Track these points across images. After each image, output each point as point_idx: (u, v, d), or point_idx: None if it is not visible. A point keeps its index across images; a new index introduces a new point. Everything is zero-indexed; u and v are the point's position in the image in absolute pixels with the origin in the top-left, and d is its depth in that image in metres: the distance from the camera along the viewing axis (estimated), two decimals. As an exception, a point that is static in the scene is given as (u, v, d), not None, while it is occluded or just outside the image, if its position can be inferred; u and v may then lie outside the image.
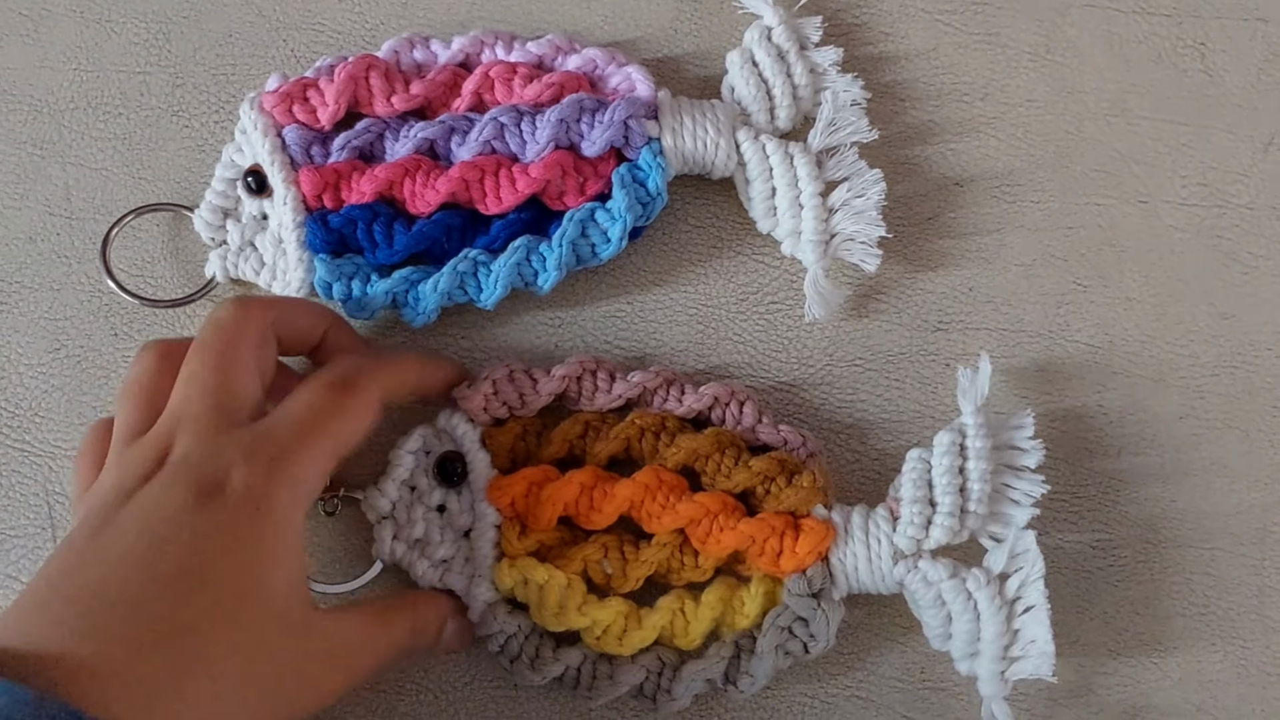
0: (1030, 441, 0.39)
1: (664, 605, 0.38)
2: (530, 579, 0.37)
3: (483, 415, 0.39)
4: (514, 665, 0.38)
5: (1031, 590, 0.37)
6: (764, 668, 0.38)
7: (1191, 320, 0.44)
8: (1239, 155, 0.45)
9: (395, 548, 0.38)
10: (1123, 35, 0.46)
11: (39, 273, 0.43)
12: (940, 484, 0.38)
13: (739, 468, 0.39)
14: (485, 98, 0.42)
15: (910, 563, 0.37)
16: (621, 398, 0.40)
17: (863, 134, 0.42)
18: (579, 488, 0.38)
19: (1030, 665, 0.37)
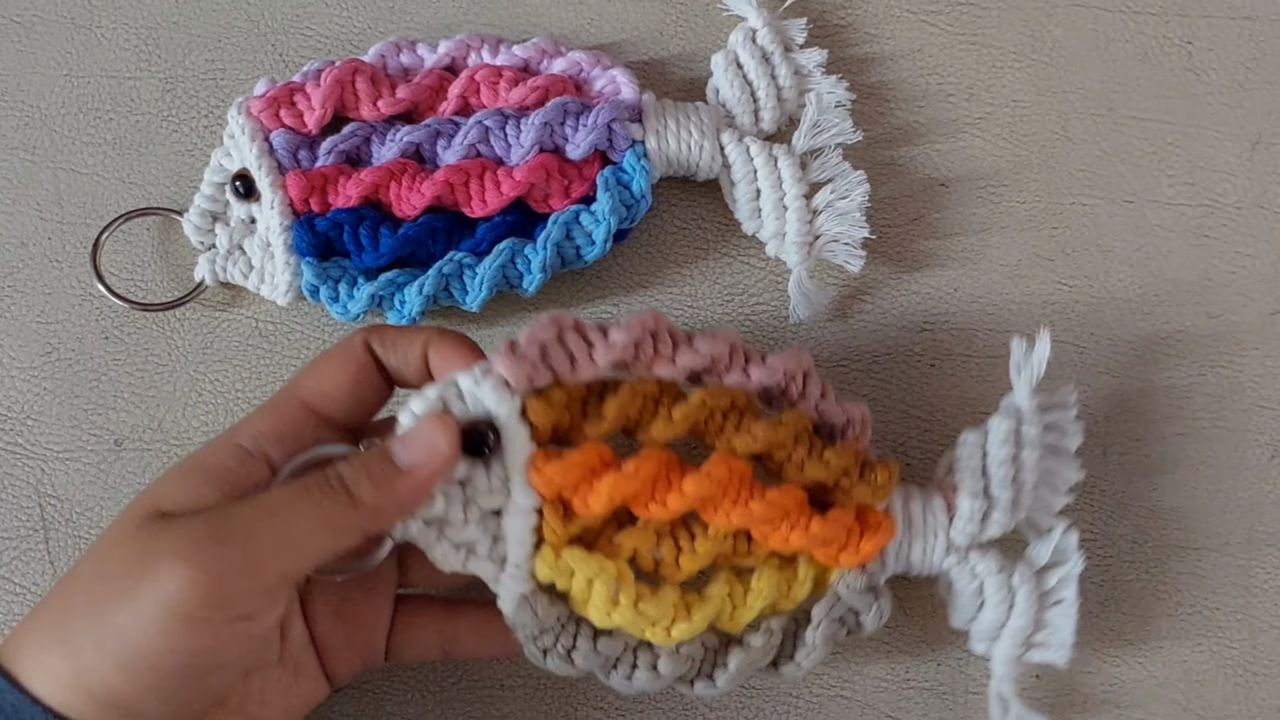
0: (1074, 423, 0.38)
1: (714, 594, 0.35)
2: (579, 572, 0.34)
3: (524, 382, 0.33)
4: (547, 656, 0.35)
5: (1067, 587, 0.37)
6: (814, 659, 0.36)
7: (1178, 319, 0.44)
8: (1226, 154, 0.45)
9: (409, 525, 0.33)
10: (1109, 34, 0.46)
11: (30, 277, 0.43)
12: (997, 476, 0.37)
13: (814, 462, 0.35)
14: (471, 101, 0.42)
15: (960, 554, 0.37)
16: (686, 369, 0.35)
17: (847, 135, 0.42)
18: (644, 482, 0.34)
19: (1049, 654, 0.37)
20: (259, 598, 0.30)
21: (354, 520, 0.31)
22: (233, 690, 0.32)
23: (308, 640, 0.35)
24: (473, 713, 0.40)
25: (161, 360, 0.42)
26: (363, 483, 0.31)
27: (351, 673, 0.36)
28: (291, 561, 0.30)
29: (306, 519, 0.30)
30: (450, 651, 0.37)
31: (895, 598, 0.41)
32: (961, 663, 0.40)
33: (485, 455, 0.33)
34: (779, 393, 0.36)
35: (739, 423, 0.35)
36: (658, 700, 0.40)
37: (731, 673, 0.36)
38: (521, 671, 0.40)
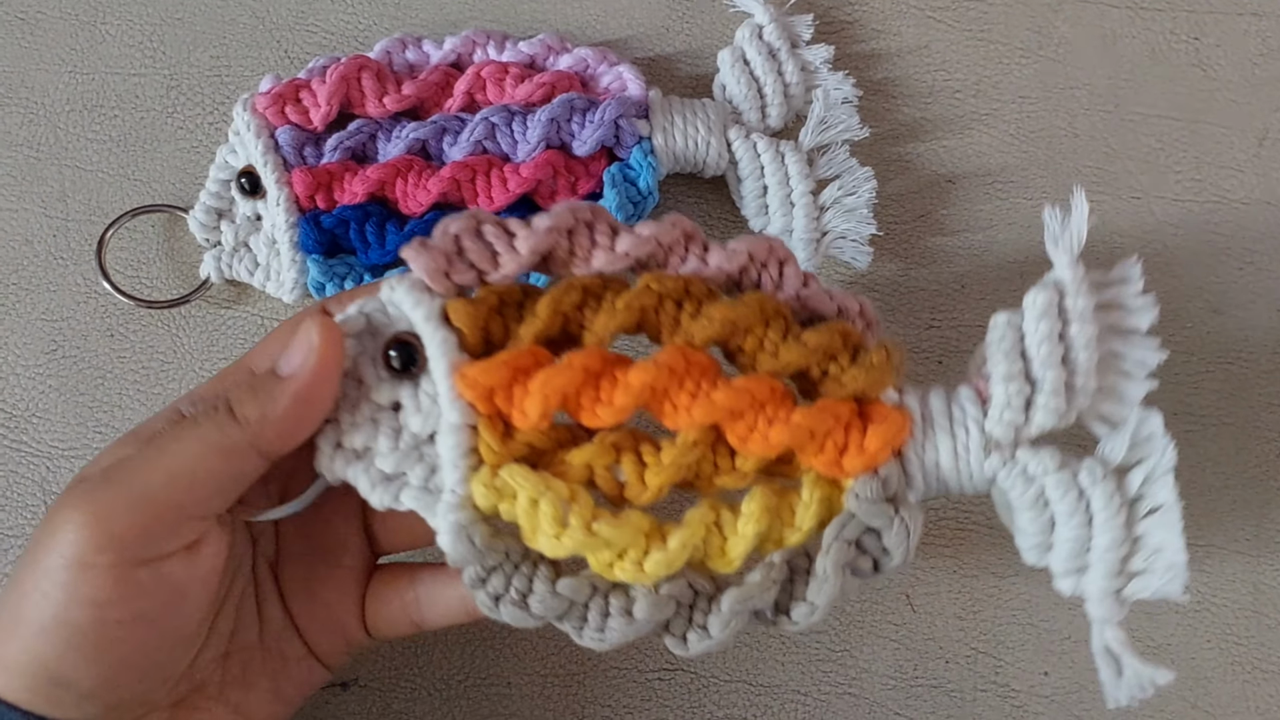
0: (1139, 298, 0.31)
1: (694, 519, 0.30)
2: (520, 491, 0.29)
3: (443, 283, 0.30)
4: (499, 604, 0.30)
5: (1159, 487, 0.29)
6: (827, 592, 0.30)
7: (1185, 315, 0.44)
8: (1234, 149, 0.45)
9: (338, 460, 0.30)
10: (1116, 30, 0.46)
11: (35, 274, 0.43)
12: (1040, 354, 0.30)
13: (789, 342, 0.30)
14: (477, 98, 0.42)
15: (1006, 454, 0.30)
16: (629, 257, 0.30)
17: (854, 132, 0.42)
18: (583, 374, 0.29)
19: (1155, 581, 0.29)
20: (156, 536, 0.28)
21: (240, 437, 0.29)
22: (208, 673, 0.32)
23: (288, 622, 0.34)
24: (480, 711, 0.40)
25: (166, 358, 0.42)
26: (244, 397, 0.29)
27: (340, 654, 0.35)
28: (183, 492, 0.28)
29: (192, 445, 0.29)
30: (417, 621, 0.34)
31: (903, 594, 0.41)
32: (970, 660, 0.40)
33: (413, 371, 0.30)
34: (751, 284, 0.31)
35: (698, 310, 0.30)
36: (666, 698, 0.40)
37: (725, 616, 0.29)
38: (529, 669, 0.40)
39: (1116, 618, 0.29)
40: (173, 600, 0.29)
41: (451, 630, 0.40)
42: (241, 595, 0.33)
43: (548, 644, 0.40)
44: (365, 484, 0.30)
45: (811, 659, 0.40)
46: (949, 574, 0.41)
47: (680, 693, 0.40)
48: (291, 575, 0.34)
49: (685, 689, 0.40)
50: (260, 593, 0.34)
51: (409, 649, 0.40)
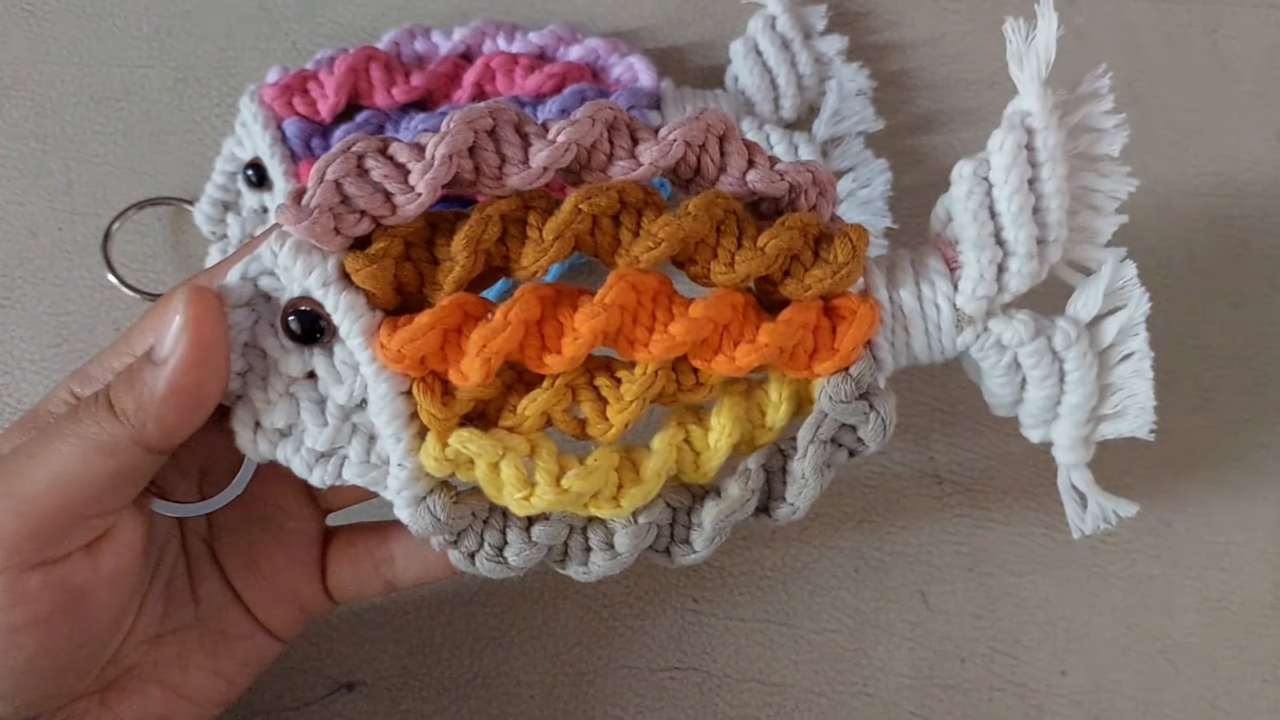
0: (1110, 117, 0.29)
1: (664, 444, 0.28)
2: (477, 458, 0.27)
3: (334, 239, 0.26)
4: (476, 560, 0.29)
5: (1131, 337, 0.29)
6: (807, 493, 0.29)
7: (1204, 310, 0.43)
8: (1252, 143, 0.45)
9: (261, 441, 0.28)
10: (1133, 22, 0.45)
11: (41, 267, 0.42)
12: (1010, 211, 0.27)
13: (746, 251, 0.27)
14: (486, 89, 0.42)
15: (979, 326, 0.29)
16: (547, 171, 0.26)
17: (868, 123, 0.42)
18: (521, 328, 0.26)
19: (1125, 424, 0.29)
20: (45, 540, 0.27)
21: (121, 433, 0.26)
22: (139, 656, 0.31)
23: (230, 598, 0.33)
24: (489, 710, 0.39)
25: (173, 352, 0.42)
26: (120, 390, 0.27)
27: (295, 623, 0.34)
28: (67, 493, 0.26)
29: (73, 445, 0.26)
30: (391, 579, 0.33)
31: (918, 592, 0.40)
32: (987, 659, 0.40)
33: (320, 339, 0.26)
34: (690, 173, 0.28)
35: (636, 227, 0.27)
36: (677, 697, 0.39)
37: (708, 531, 0.29)
38: (539, 668, 0.39)
39: (1084, 460, 0.29)
40: (71, 602, 0.28)
41: (459, 628, 0.39)
42: (171, 577, 0.32)
43: (558, 642, 0.40)
44: (301, 465, 0.28)
45: (825, 658, 0.40)
46: (965, 572, 0.40)
47: (692, 692, 0.39)
48: (230, 550, 0.33)
49: (697, 688, 0.39)
50: (195, 572, 0.32)
51: (416, 647, 0.40)
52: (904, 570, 0.40)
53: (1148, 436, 0.29)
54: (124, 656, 0.31)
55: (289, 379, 0.27)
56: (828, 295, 0.28)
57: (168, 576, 0.32)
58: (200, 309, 0.26)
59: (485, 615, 0.40)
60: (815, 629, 0.40)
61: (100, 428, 0.27)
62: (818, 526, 0.41)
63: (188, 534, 0.33)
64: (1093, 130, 0.29)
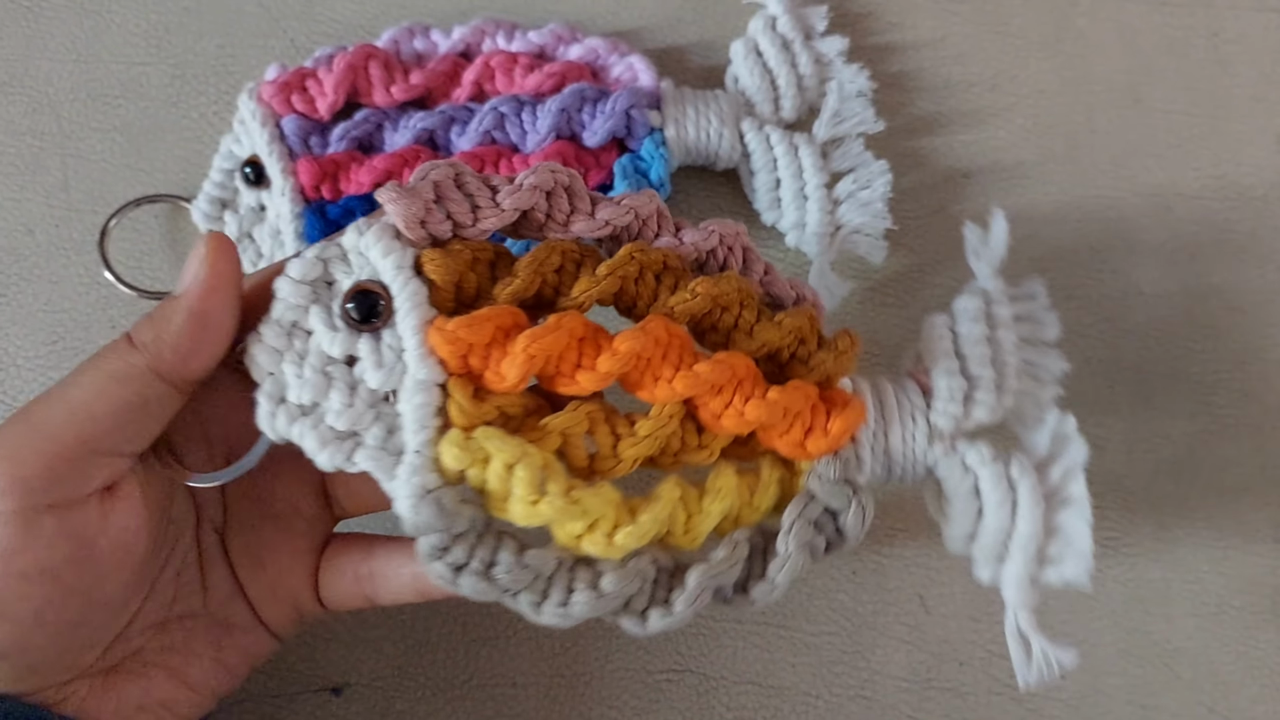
0: (1047, 313, 0.35)
1: (665, 494, 0.29)
2: (495, 455, 0.27)
3: (418, 230, 0.28)
4: (461, 575, 0.28)
5: (1073, 481, 0.31)
6: (789, 571, 0.30)
7: (1203, 314, 0.43)
8: (1253, 147, 0.44)
9: (279, 417, 0.28)
10: (1134, 25, 0.45)
11: (37, 264, 0.42)
12: (975, 354, 0.32)
13: (764, 323, 0.30)
14: (486, 87, 0.42)
15: (946, 445, 0.32)
16: (608, 225, 0.30)
17: (869, 125, 0.42)
18: (569, 336, 0.28)
19: (1067, 569, 0.31)
20: (62, 476, 0.27)
21: (137, 361, 0.28)
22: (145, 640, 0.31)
23: (234, 589, 0.33)
24: (484, 712, 0.39)
25: (169, 350, 0.42)
26: (141, 324, 0.29)
27: (289, 624, 0.34)
28: (84, 424, 0.27)
29: (91, 376, 0.28)
30: (370, 596, 0.33)
31: (916, 595, 0.40)
32: (984, 663, 0.40)
33: (375, 323, 0.28)
34: (717, 265, 0.31)
35: (674, 286, 0.30)
36: (674, 700, 0.39)
37: (691, 592, 0.29)
38: (535, 670, 0.39)
39: (1031, 603, 0.31)
40: (81, 555, 0.28)
41: (455, 630, 0.39)
42: (184, 562, 0.32)
43: (554, 644, 0.39)
44: (313, 442, 0.28)
45: (823, 661, 0.39)
46: (963, 575, 0.40)
47: (689, 695, 0.39)
48: (240, 543, 0.33)
49: (694, 690, 0.39)
50: (205, 560, 0.33)
51: (412, 649, 0.39)
52: (902, 573, 0.40)
53: (1086, 585, 0.31)
54: (131, 639, 0.31)
55: (327, 359, 0.28)
56: (824, 382, 0.31)
57: (180, 563, 0.32)
58: (217, 247, 0.29)
59: (481, 616, 0.40)
60: (813, 631, 0.40)
61: (119, 358, 0.28)
62: (816, 529, 0.41)
63: (203, 523, 0.33)
64: (1033, 320, 0.35)
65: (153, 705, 0.31)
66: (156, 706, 0.31)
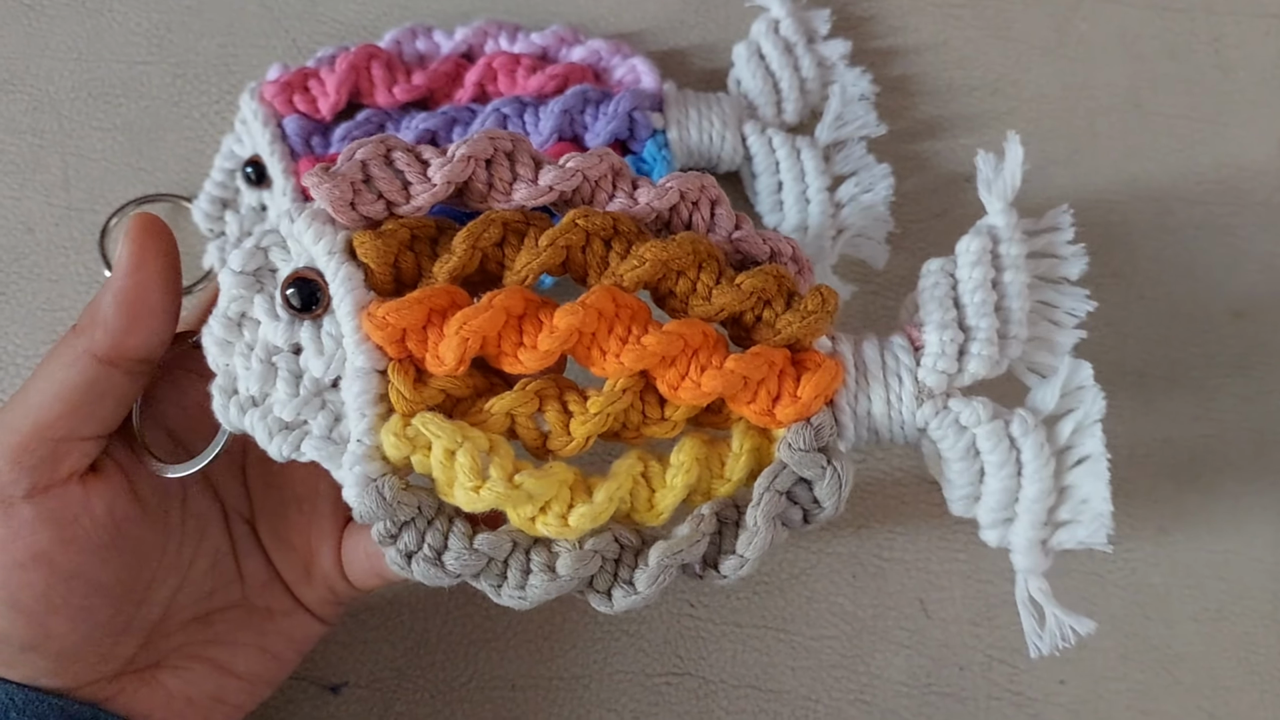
0: (1070, 247, 0.32)
1: (622, 470, 0.28)
2: (436, 441, 0.27)
3: (349, 214, 0.27)
4: (413, 561, 0.28)
5: (1088, 437, 0.29)
6: (758, 545, 0.28)
7: (1205, 319, 0.43)
8: (1254, 151, 0.45)
9: (232, 407, 0.28)
10: (1136, 30, 0.45)
11: (37, 263, 0.42)
12: (973, 302, 0.30)
13: (724, 286, 0.28)
14: (488, 89, 0.42)
15: (938, 403, 0.29)
16: (553, 191, 0.28)
17: (871, 128, 0.42)
18: (503, 315, 0.27)
19: (1081, 531, 0.28)
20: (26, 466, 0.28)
21: (76, 344, 0.28)
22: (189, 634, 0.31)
23: (271, 575, 0.34)
24: (483, 714, 0.39)
25: (169, 349, 0.41)
26: (83, 310, 0.29)
27: (329, 605, 0.34)
28: (38, 414, 0.28)
29: (42, 368, 0.29)
30: (380, 572, 0.33)
31: (916, 599, 0.40)
32: (985, 667, 0.40)
33: (315, 310, 0.27)
34: (681, 226, 0.29)
35: (625, 252, 0.28)
36: (674, 703, 0.39)
37: (654, 570, 0.28)
38: (533, 672, 0.39)
39: (1042, 568, 0.29)
40: (68, 536, 0.28)
41: (454, 630, 0.39)
42: (217, 554, 0.33)
43: (553, 646, 0.39)
44: (263, 433, 0.28)
45: (823, 665, 0.39)
46: (964, 579, 0.40)
47: (688, 698, 0.39)
48: (270, 528, 0.34)
49: (693, 694, 0.39)
50: (239, 550, 0.33)
51: (411, 649, 0.39)
52: (902, 577, 0.40)
53: (1105, 547, 0.28)
54: (171, 634, 0.31)
55: (272, 348, 0.28)
56: (795, 345, 0.29)
57: (213, 556, 0.33)
58: (141, 226, 0.29)
59: (480, 617, 0.39)
60: (812, 635, 0.40)
61: (64, 346, 0.29)
62: (815, 532, 0.40)
63: (230, 514, 0.34)
64: (1054, 256, 0.31)
65: (202, 699, 0.32)
66: (206, 700, 0.32)
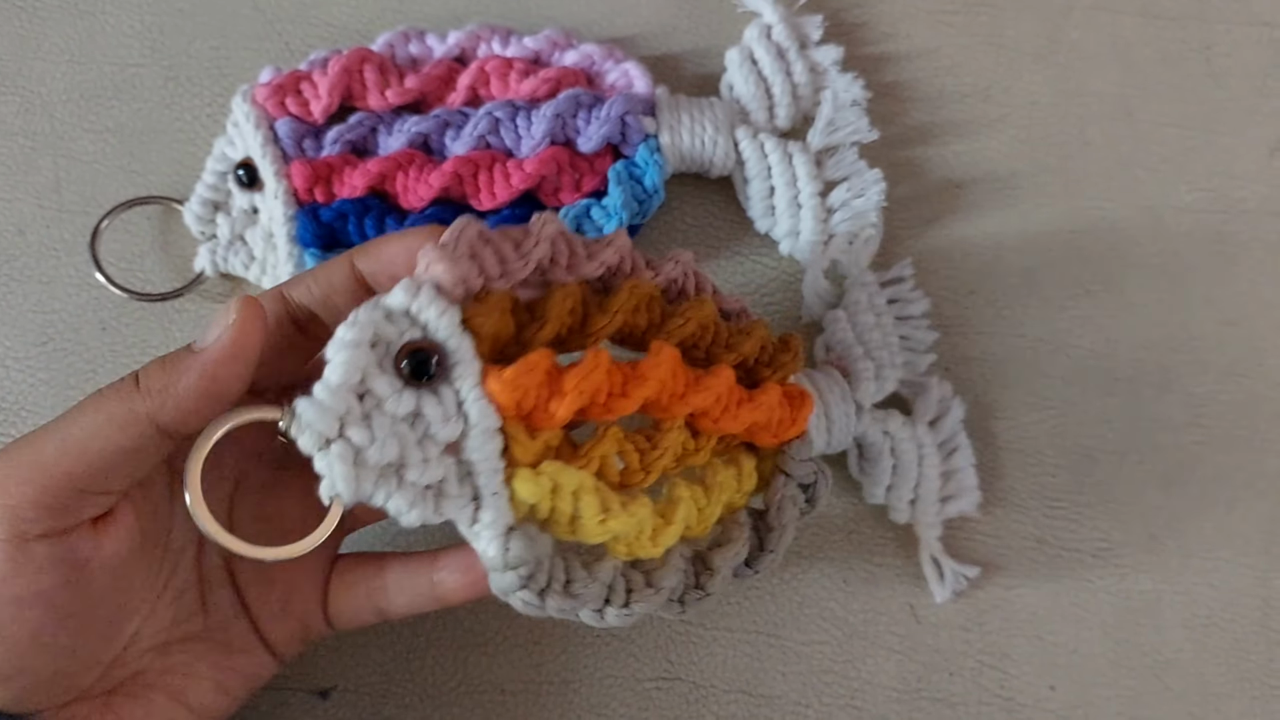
0: (913, 291, 0.41)
1: (683, 495, 0.33)
2: (561, 485, 0.30)
3: (459, 289, 0.29)
4: (546, 596, 0.31)
5: (956, 433, 0.40)
6: (785, 541, 0.35)
7: (1196, 326, 0.43)
8: (1245, 160, 0.45)
9: (362, 479, 0.28)
10: (1128, 38, 0.46)
11: (28, 265, 0.42)
12: (874, 339, 0.39)
13: (740, 337, 0.34)
14: (480, 92, 0.42)
15: (869, 418, 0.39)
16: (604, 265, 0.32)
17: (863, 134, 0.42)
18: (606, 373, 0.31)
19: (962, 502, 0.40)
20: (49, 509, 0.27)
21: (140, 408, 0.28)
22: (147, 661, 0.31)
23: (239, 610, 0.33)
24: (472, 718, 0.39)
25: (159, 351, 0.41)
26: (151, 369, 0.28)
27: (295, 644, 0.34)
28: (74, 462, 0.27)
29: (90, 416, 0.28)
30: (383, 610, 0.33)
31: (906, 604, 0.40)
32: (975, 673, 0.40)
33: (430, 379, 0.29)
34: (678, 291, 0.34)
35: (661, 313, 0.33)
36: (664, 707, 0.39)
37: (722, 574, 0.34)
38: (523, 676, 0.39)
39: (938, 533, 0.40)
40: (76, 578, 0.28)
41: (444, 635, 0.39)
42: (184, 584, 0.32)
43: (543, 650, 0.39)
44: (401, 501, 0.29)
45: (813, 670, 0.39)
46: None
47: (678, 702, 0.39)
48: (248, 563, 0.32)
49: (683, 698, 0.39)
50: (206, 582, 0.33)
51: (400, 654, 0.39)
52: (893, 582, 0.40)
53: (976, 512, 0.40)
54: (130, 661, 0.31)
55: (394, 418, 0.29)
56: (781, 381, 0.36)
57: (180, 586, 0.32)
58: (249, 314, 0.29)
59: (470, 622, 0.39)
60: (803, 640, 0.40)
61: (121, 401, 0.28)
62: (807, 538, 0.40)
63: (205, 547, 0.33)
64: (904, 300, 0.41)
65: None
66: None
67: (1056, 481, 0.41)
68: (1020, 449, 0.42)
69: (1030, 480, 0.41)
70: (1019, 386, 0.42)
